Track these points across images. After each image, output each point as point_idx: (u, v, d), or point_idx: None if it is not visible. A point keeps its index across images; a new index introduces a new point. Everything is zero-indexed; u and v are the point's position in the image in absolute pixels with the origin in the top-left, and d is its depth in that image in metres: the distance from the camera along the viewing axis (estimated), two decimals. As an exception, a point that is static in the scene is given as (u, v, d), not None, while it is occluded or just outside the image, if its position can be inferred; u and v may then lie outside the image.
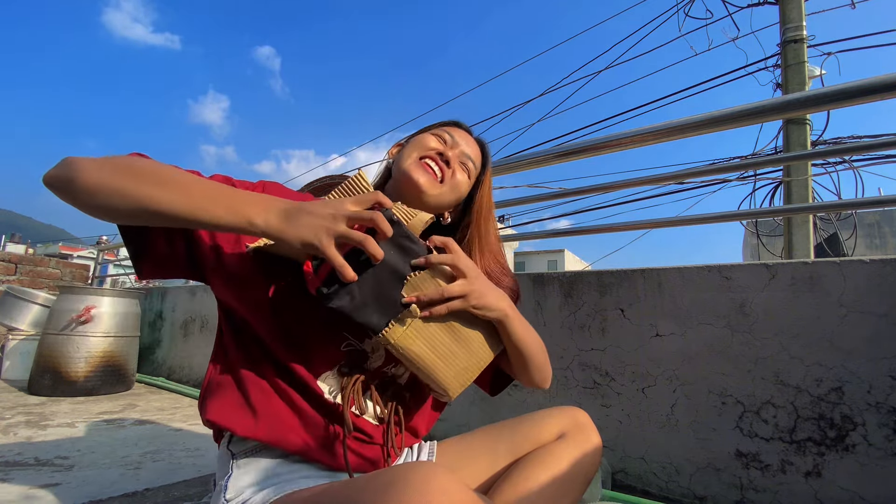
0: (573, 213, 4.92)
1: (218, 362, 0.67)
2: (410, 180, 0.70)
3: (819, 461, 1.02)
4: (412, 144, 0.75)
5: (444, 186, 0.71)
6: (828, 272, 1.06)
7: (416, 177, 0.69)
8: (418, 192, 0.70)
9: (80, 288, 2.50)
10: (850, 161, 3.93)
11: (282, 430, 0.60)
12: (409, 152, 0.73)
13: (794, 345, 1.07)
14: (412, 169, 0.70)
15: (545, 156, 1.56)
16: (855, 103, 1.02)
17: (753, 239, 7.06)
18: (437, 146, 0.73)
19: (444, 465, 0.44)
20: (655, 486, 1.20)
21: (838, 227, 5.13)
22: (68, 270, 4.03)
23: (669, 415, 1.21)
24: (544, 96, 6.41)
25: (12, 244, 20.16)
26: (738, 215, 1.94)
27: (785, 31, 3.72)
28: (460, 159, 0.74)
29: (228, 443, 0.65)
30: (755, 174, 4.46)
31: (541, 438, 0.73)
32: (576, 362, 1.38)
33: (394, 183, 0.75)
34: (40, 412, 1.90)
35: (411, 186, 0.70)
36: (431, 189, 0.70)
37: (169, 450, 1.47)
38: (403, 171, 0.71)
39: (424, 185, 0.69)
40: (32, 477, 1.17)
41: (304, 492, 0.53)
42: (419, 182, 0.69)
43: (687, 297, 1.22)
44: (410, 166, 0.71)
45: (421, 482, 0.40)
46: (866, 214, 9.49)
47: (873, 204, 1.75)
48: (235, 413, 0.61)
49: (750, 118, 1.14)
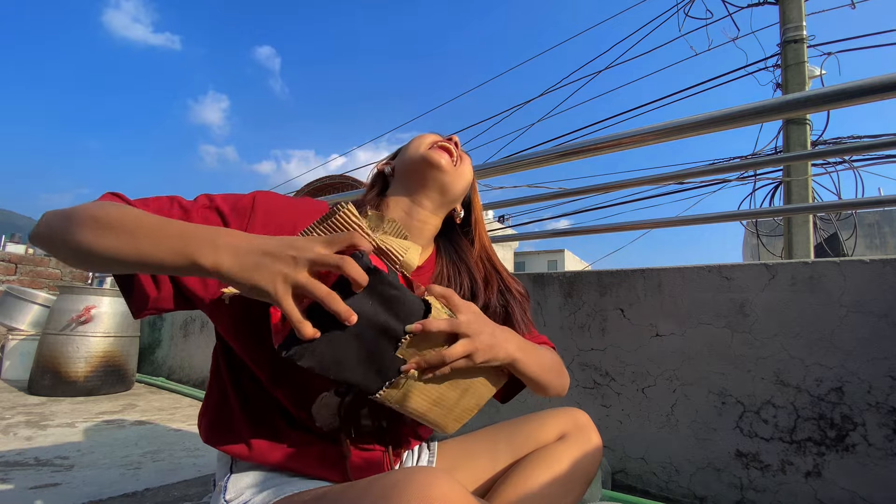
0: (573, 213, 4.91)
1: (214, 380, 0.67)
2: (430, 162, 0.69)
3: (819, 461, 1.02)
4: (415, 141, 0.75)
5: (459, 169, 0.72)
6: (828, 272, 1.06)
7: (437, 157, 0.69)
8: (440, 171, 0.70)
9: (80, 288, 2.50)
10: (850, 161, 3.93)
11: (277, 456, 0.61)
12: (417, 145, 0.73)
13: (794, 345, 1.07)
14: (430, 152, 0.70)
15: (545, 156, 1.56)
16: (855, 103, 1.02)
17: (753, 239, 7.06)
18: (440, 137, 0.75)
19: (444, 470, 0.43)
20: (655, 486, 1.20)
21: (838, 227, 5.13)
22: (68, 270, 4.03)
23: (669, 415, 1.21)
24: (544, 96, 6.41)
25: (12, 244, 20.20)
26: (738, 215, 1.94)
27: (785, 31, 3.72)
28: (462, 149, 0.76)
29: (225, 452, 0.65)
30: (755, 174, 4.46)
31: (541, 439, 0.73)
32: (576, 362, 1.38)
33: (404, 177, 0.74)
34: (40, 412, 1.90)
35: (432, 168, 0.70)
36: (451, 169, 0.70)
37: (169, 450, 1.47)
38: (421, 156, 0.71)
39: (446, 165, 0.70)
40: (32, 477, 1.17)
41: (305, 494, 0.53)
42: (440, 162, 0.69)
43: (687, 297, 1.22)
44: (427, 151, 0.71)
45: (421, 487, 0.40)
46: (866, 214, 9.49)
47: (873, 204, 1.75)
48: (231, 439, 0.61)
49: (750, 118, 1.14)
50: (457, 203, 0.76)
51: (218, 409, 0.64)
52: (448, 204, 0.74)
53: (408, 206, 0.72)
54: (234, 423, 0.62)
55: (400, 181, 0.75)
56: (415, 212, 0.72)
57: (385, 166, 0.79)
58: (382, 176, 0.79)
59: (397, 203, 0.73)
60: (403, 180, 0.74)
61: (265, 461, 0.60)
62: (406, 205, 0.72)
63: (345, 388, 0.62)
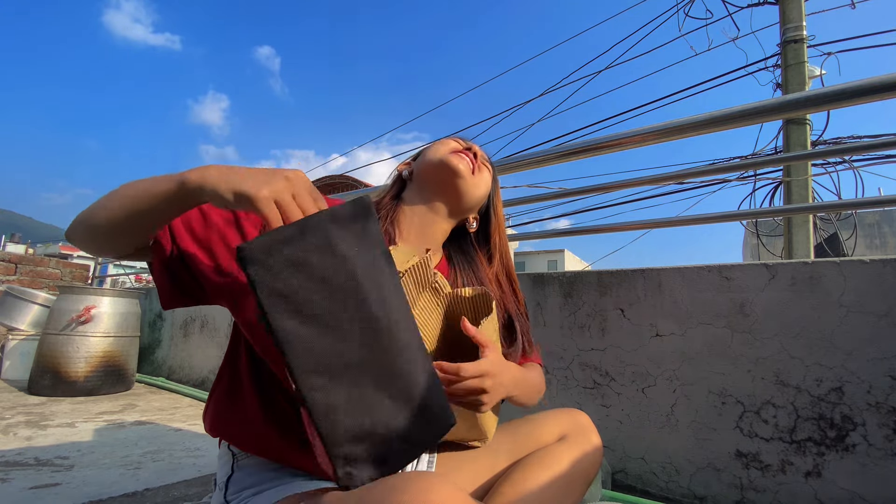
0: (573, 213, 4.91)
1: (227, 367, 0.66)
2: (448, 167, 0.70)
3: (819, 461, 1.02)
4: (434, 146, 0.75)
5: (477, 177, 0.72)
6: (828, 272, 1.06)
7: (455, 163, 0.70)
8: (457, 177, 0.70)
9: (80, 288, 2.50)
10: (850, 161, 3.93)
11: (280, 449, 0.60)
12: (436, 150, 0.73)
13: (794, 345, 1.07)
14: (448, 158, 0.71)
15: (545, 156, 1.56)
16: (855, 103, 1.02)
17: (753, 239, 7.06)
18: (460, 145, 0.75)
19: (443, 475, 0.44)
20: (655, 487, 1.20)
21: (838, 227, 5.13)
22: (68, 270, 4.03)
23: (669, 415, 1.21)
24: (544, 96, 6.41)
25: (12, 244, 20.17)
26: (738, 215, 1.94)
27: (785, 31, 3.72)
28: (483, 159, 0.76)
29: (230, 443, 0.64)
30: (755, 174, 4.46)
31: (541, 439, 0.73)
32: (576, 362, 1.38)
33: (421, 181, 0.74)
34: (40, 412, 1.90)
35: (449, 173, 0.70)
36: (469, 176, 0.71)
37: (169, 450, 1.47)
38: (439, 160, 0.71)
39: (464, 171, 0.70)
40: (32, 477, 1.17)
41: (305, 496, 0.53)
42: (458, 167, 0.70)
43: (687, 297, 1.22)
44: (445, 156, 0.71)
45: (419, 492, 0.40)
46: (866, 214, 9.49)
47: (873, 204, 1.75)
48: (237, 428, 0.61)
49: (750, 118, 1.14)
50: (472, 212, 0.77)
51: (228, 395, 0.63)
52: (463, 212, 0.75)
53: (423, 210, 0.73)
54: (245, 410, 0.61)
55: (417, 184, 0.75)
56: (428, 216, 0.72)
57: (405, 167, 0.79)
58: (401, 178, 0.79)
59: (413, 206, 0.73)
60: (421, 183, 0.74)
61: (268, 454, 0.59)
62: (421, 209, 0.73)
63: None
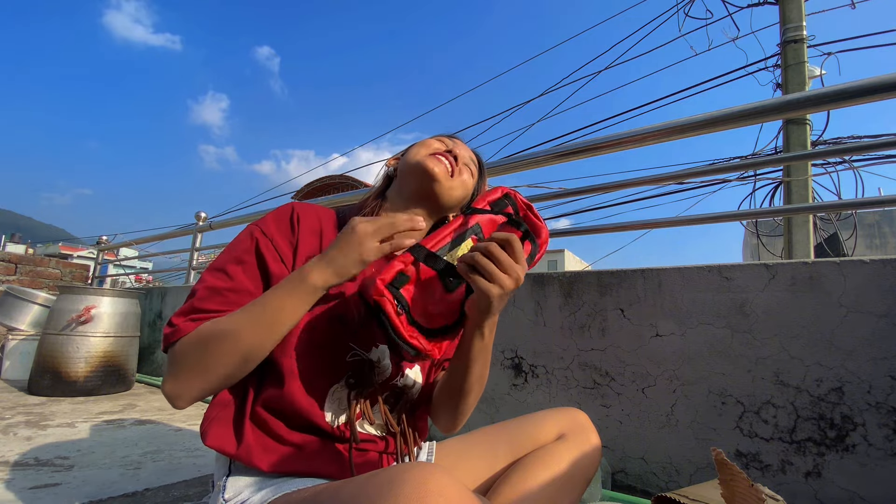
0: (573, 213, 4.90)
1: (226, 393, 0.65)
2: (425, 170, 0.70)
3: (819, 461, 1.02)
4: (417, 146, 0.76)
5: (454, 180, 0.73)
6: (828, 272, 1.06)
7: (431, 166, 0.70)
8: (433, 180, 0.70)
9: (80, 288, 2.50)
10: (850, 161, 3.93)
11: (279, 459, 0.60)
12: (417, 151, 0.74)
13: (794, 345, 1.07)
14: (426, 160, 0.71)
15: (545, 156, 1.56)
16: (855, 103, 1.02)
17: (753, 239, 7.06)
18: (442, 146, 0.75)
19: (441, 466, 0.43)
20: (655, 487, 1.20)
21: (838, 227, 5.13)
22: (68, 270, 4.03)
23: (669, 415, 1.21)
24: (544, 97, 6.41)
25: (12, 244, 20.18)
26: (738, 215, 1.94)
27: (785, 31, 3.72)
28: (464, 160, 0.75)
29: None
30: (755, 174, 4.46)
31: (540, 439, 0.73)
32: (576, 362, 1.38)
33: (401, 181, 0.75)
34: (40, 412, 1.90)
35: (425, 177, 0.70)
36: (446, 179, 0.71)
37: (169, 450, 1.47)
38: (417, 163, 0.71)
39: (440, 175, 0.71)
40: (32, 477, 1.17)
41: (303, 492, 0.53)
42: (434, 171, 0.70)
43: (687, 297, 1.22)
44: (423, 158, 0.71)
45: (418, 483, 0.39)
46: (866, 214, 9.49)
47: (873, 204, 1.74)
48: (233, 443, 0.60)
49: (750, 118, 1.15)
50: (453, 211, 0.77)
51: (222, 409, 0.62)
52: (442, 211, 0.75)
53: (402, 209, 0.74)
54: (235, 422, 0.61)
55: (398, 183, 0.77)
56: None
57: (393, 163, 0.80)
58: (387, 175, 0.80)
59: (394, 205, 0.75)
60: (401, 183, 0.76)
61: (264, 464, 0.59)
62: (401, 208, 0.74)
63: (354, 380, 0.65)
